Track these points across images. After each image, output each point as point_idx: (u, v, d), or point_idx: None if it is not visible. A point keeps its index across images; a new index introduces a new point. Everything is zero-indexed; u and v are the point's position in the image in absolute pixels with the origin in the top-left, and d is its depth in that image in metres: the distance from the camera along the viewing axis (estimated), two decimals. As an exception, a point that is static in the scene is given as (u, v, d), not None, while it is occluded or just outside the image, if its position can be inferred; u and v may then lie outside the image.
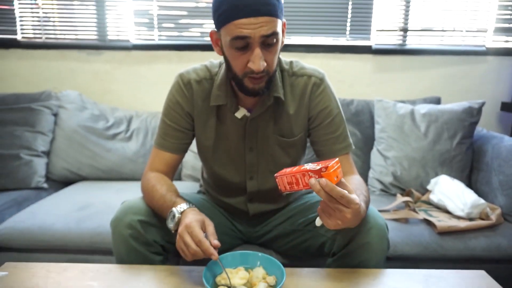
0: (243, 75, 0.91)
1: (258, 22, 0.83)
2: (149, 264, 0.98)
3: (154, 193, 0.98)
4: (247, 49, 0.87)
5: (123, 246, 0.96)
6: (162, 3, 2.08)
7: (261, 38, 0.85)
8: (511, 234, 1.34)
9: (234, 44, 0.87)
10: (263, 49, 0.87)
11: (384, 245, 0.96)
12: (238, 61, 0.90)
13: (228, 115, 1.05)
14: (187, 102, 1.06)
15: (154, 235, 0.97)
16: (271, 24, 0.85)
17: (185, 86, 1.05)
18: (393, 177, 1.69)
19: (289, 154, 1.10)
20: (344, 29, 2.10)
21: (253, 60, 0.87)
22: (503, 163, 1.48)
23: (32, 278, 0.90)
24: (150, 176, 1.04)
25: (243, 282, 0.84)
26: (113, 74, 2.14)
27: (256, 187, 1.11)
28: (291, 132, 1.07)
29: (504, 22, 2.09)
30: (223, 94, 1.02)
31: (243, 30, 0.84)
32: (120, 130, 1.93)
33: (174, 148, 1.08)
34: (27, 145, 1.74)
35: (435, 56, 2.11)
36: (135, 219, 0.95)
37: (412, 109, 1.76)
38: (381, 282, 0.92)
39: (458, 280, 0.94)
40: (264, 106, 1.02)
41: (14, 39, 2.12)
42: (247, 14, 0.83)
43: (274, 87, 1.01)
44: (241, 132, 1.05)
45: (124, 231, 0.95)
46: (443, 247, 1.30)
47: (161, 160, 1.08)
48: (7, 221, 1.41)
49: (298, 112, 1.06)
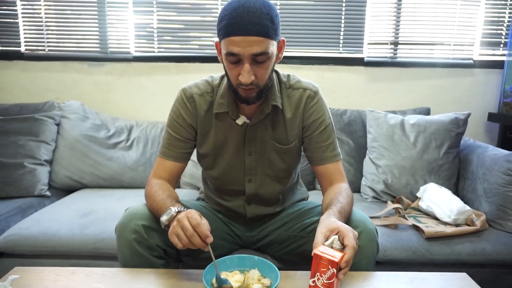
0: (236, 85, 1.01)
1: (249, 41, 0.92)
2: (151, 267, 1.03)
3: (155, 198, 1.04)
4: (239, 64, 0.97)
5: (128, 250, 1.02)
6: (162, 16, 2.16)
7: (251, 56, 0.94)
8: (495, 239, 1.41)
9: (228, 58, 0.97)
10: (253, 65, 0.96)
11: (373, 248, 1.03)
12: (232, 72, 1.00)
13: (229, 123, 1.13)
14: (189, 115, 1.14)
15: (156, 240, 1.03)
16: (261, 44, 0.93)
17: (188, 100, 1.14)
18: (384, 184, 1.76)
19: (284, 160, 1.17)
20: (338, 42, 2.18)
21: (242, 74, 0.96)
22: (487, 171, 1.56)
23: (41, 281, 0.96)
24: (153, 182, 1.11)
25: (239, 284, 0.89)
26: (114, 85, 2.21)
27: (254, 189, 1.18)
28: (287, 140, 1.15)
29: (490, 36, 2.18)
30: (225, 102, 1.11)
31: (234, 47, 0.94)
32: (120, 139, 1.99)
33: (176, 156, 1.15)
34: (30, 154, 1.80)
35: (425, 69, 2.20)
36: (139, 224, 1.01)
37: (402, 119, 1.84)
38: (370, 283, 0.98)
39: (442, 282, 1.00)
40: (263, 113, 1.10)
41: (18, 51, 2.18)
42: (239, 32, 0.92)
43: (273, 96, 1.10)
44: (241, 137, 1.13)
45: (129, 235, 1.01)
46: (431, 252, 1.36)
47: (165, 168, 1.15)
48: (13, 228, 1.46)
49: (293, 121, 1.14)
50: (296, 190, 1.34)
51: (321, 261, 0.80)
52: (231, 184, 1.19)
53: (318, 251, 0.82)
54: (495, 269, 1.40)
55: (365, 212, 1.59)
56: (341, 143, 1.94)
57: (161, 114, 2.18)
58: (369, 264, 1.03)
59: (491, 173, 1.53)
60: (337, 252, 0.82)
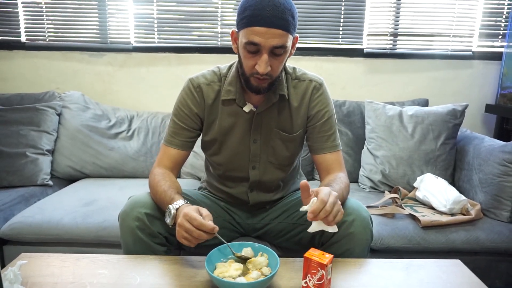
0: (250, 74, 1.05)
1: (271, 33, 0.96)
2: (153, 254, 1.06)
3: (158, 188, 1.07)
4: (257, 54, 1.00)
5: (131, 237, 1.05)
6: (162, 7, 2.16)
7: (271, 47, 0.98)
8: (489, 228, 1.45)
9: (247, 47, 1.00)
10: (270, 57, 1.00)
11: (367, 235, 1.06)
12: (248, 61, 1.03)
13: (236, 110, 1.16)
14: (196, 104, 1.17)
15: (158, 227, 1.06)
16: (282, 37, 0.98)
17: (195, 89, 1.17)
18: (382, 175, 1.79)
19: (288, 148, 1.20)
20: (337, 33, 2.19)
21: (260, 64, 1.00)
22: (483, 162, 1.58)
23: (48, 267, 0.99)
24: (156, 172, 1.14)
25: (238, 272, 0.91)
26: (115, 75, 2.22)
27: (258, 176, 1.21)
28: (292, 128, 1.18)
29: (489, 28, 2.19)
30: (233, 90, 1.14)
31: (256, 37, 0.97)
32: (121, 130, 2.01)
33: (181, 144, 1.17)
34: (32, 144, 1.82)
35: (424, 60, 2.21)
36: (142, 211, 1.04)
37: (400, 110, 1.86)
38: (366, 270, 1.02)
39: (436, 268, 1.03)
40: (269, 102, 1.14)
41: (18, 41, 2.19)
42: (263, 24, 0.95)
43: (280, 86, 1.14)
44: (247, 125, 1.16)
45: (132, 223, 1.04)
46: (426, 240, 1.40)
47: (169, 156, 1.17)
48: (17, 216, 1.48)
49: (299, 110, 1.18)
50: (296, 178, 1.37)
51: (311, 263, 0.84)
52: (235, 171, 1.22)
53: (308, 254, 0.85)
54: (488, 256, 1.43)
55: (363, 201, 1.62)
56: (340, 134, 1.95)
57: (161, 105, 2.20)
58: (362, 251, 1.06)
59: (487, 163, 1.56)
60: (326, 254, 0.86)
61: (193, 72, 1.22)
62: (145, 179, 1.88)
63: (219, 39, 2.19)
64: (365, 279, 0.97)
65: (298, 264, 1.00)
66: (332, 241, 1.06)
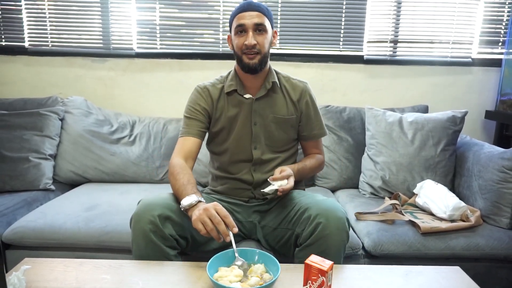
0: (241, 52, 1.29)
1: (251, 15, 1.27)
2: (164, 257, 1.09)
3: (178, 180, 1.19)
4: (244, 33, 1.28)
5: (143, 240, 1.08)
6: (164, 13, 2.18)
7: (253, 25, 1.27)
8: (489, 235, 1.45)
9: (236, 30, 1.29)
10: (254, 34, 1.28)
11: (342, 237, 1.11)
12: (239, 41, 1.29)
13: (239, 100, 1.38)
14: (204, 101, 1.38)
15: (170, 230, 1.10)
16: (260, 17, 1.28)
17: (202, 90, 1.40)
18: (382, 181, 1.80)
19: (282, 129, 1.40)
20: (338, 40, 2.21)
21: (247, 39, 1.27)
22: (482, 168, 1.59)
23: (51, 272, 1.00)
24: (175, 162, 1.27)
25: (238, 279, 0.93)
26: (117, 81, 2.24)
27: (259, 155, 1.39)
28: (286, 112, 1.40)
29: (489, 34, 2.21)
30: (234, 83, 1.38)
31: (241, 20, 1.28)
32: (123, 135, 2.02)
33: (194, 133, 1.35)
34: (35, 149, 1.83)
35: (424, 66, 2.23)
36: (155, 214, 1.08)
37: (400, 117, 1.87)
38: (366, 276, 1.03)
39: (435, 275, 1.04)
40: (265, 89, 1.37)
41: (22, 46, 2.21)
42: (243, 10, 1.29)
43: (271, 76, 1.38)
44: (248, 110, 1.37)
45: (145, 226, 1.07)
46: (426, 246, 1.40)
47: (185, 146, 1.33)
48: (19, 221, 1.49)
49: (290, 100, 1.41)
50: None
51: (311, 270, 0.86)
52: (240, 154, 1.39)
53: (309, 261, 0.87)
54: (488, 263, 1.44)
55: (363, 208, 1.64)
56: (340, 140, 1.98)
57: (163, 110, 2.22)
58: (338, 252, 1.11)
59: (486, 170, 1.57)
60: (326, 261, 0.87)
61: (195, 78, 1.32)
62: (147, 184, 1.92)
63: (221, 46, 2.21)
64: (365, 285, 0.98)
65: (298, 271, 1.01)
66: (309, 242, 1.11)
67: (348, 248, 1.37)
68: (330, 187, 1.96)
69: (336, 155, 1.96)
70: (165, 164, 1.97)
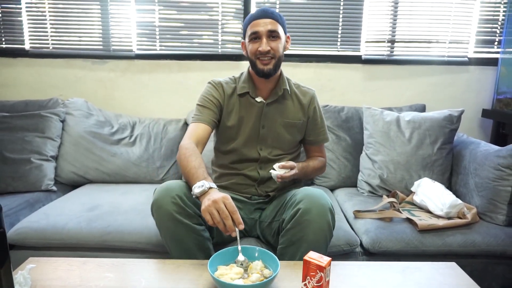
0: (255, 57, 1.35)
1: (265, 22, 1.32)
2: (194, 233, 1.14)
3: (189, 163, 1.19)
4: (258, 40, 1.34)
5: (171, 222, 1.11)
6: (164, 15, 2.20)
7: (267, 32, 1.32)
8: (485, 232, 1.47)
9: (251, 37, 1.35)
10: (268, 40, 1.33)
11: (323, 225, 1.12)
12: (253, 47, 1.34)
13: (250, 102, 1.43)
14: (218, 94, 1.43)
15: (192, 208, 1.14)
16: (274, 24, 1.33)
17: (216, 85, 1.45)
18: (380, 179, 1.82)
19: (289, 132, 1.46)
20: (336, 40, 2.23)
21: (261, 45, 1.33)
22: (479, 166, 1.62)
23: (55, 271, 1.02)
24: (186, 145, 1.27)
25: (238, 276, 0.95)
26: (117, 82, 2.26)
27: (266, 154, 1.44)
28: (294, 117, 1.46)
29: (485, 34, 2.23)
30: (246, 85, 1.43)
31: (255, 27, 1.33)
32: (124, 136, 2.04)
33: (207, 120, 1.38)
34: (37, 150, 1.85)
35: (421, 66, 2.25)
36: (174, 195, 1.11)
37: (397, 116, 1.89)
38: (364, 272, 1.05)
39: (432, 271, 1.07)
40: (276, 95, 1.43)
41: (22, 48, 2.23)
42: (257, 17, 1.34)
43: (283, 83, 1.44)
44: (258, 113, 1.43)
45: (169, 207, 1.11)
46: (423, 243, 1.42)
47: (197, 131, 1.35)
48: (22, 221, 1.51)
49: (299, 106, 1.48)
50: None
51: (310, 266, 0.88)
52: (247, 153, 1.43)
53: (307, 257, 0.89)
54: (485, 259, 1.46)
55: (361, 206, 1.67)
56: (339, 139, 2.00)
57: (163, 111, 2.24)
58: (318, 240, 1.12)
59: (482, 168, 1.59)
60: (324, 257, 0.89)
61: (194, 79, 1.33)
62: (147, 184, 1.94)
63: (220, 47, 2.23)
64: (362, 281, 1.00)
65: (297, 267, 1.04)
66: (290, 226, 1.15)
67: (347, 245, 1.39)
68: (329, 186, 1.98)
69: (334, 154, 1.98)
70: (165, 164, 1.99)
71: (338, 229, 1.43)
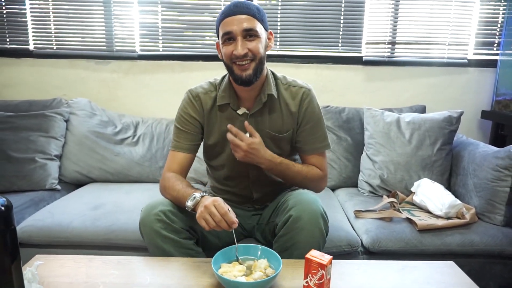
0: (231, 62, 1.16)
1: (238, 19, 1.12)
2: (184, 248, 1.12)
3: (176, 187, 1.16)
4: (233, 41, 1.14)
5: (158, 239, 1.10)
6: (166, 16, 2.22)
7: (242, 32, 1.13)
8: (483, 232, 1.49)
9: (224, 38, 1.15)
10: (245, 40, 1.14)
11: (314, 231, 1.09)
12: (227, 50, 1.15)
13: (232, 114, 1.27)
14: (196, 111, 1.28)
15: (179, 223, 1.12)
16: (249, 21, 1.13)
17: (194, 98, 1.29)
18: (381, 179, 1.84)
19: (278, 147, 1.30)
20: (337, 41, 2.25)
21: (236, 47, 1.13)
22: (477, 167, 1.64)
23: (62, 268, 1.04)
24: (169, 175, 1.23)
25: (241, 274, 0.97)
26: (120, 82, 2.28)
27: (256, 172, 1.30)
28: (282, 128, 1.29)
29: (484, 36, 2.25)
30: (226, 95, 1.26)
31: (228, 27, 1.13)
32: (127, 135, 2.06)
33: (186, 147, 1.27)
34: (41, 150, 1.87)
35: (421, 67, 2.27)
36: (159, 212, 1.10)
37: (397, 117, 1.92)
38: (364, 271, 1.07)
39: (430, 270, 1.09)
40: (260, 103, 1.24)
41: (27, 49, 2.25)
42: (230, 14, 1.13)
43: (268, 87, 1.25)
44: (242, 127, 1.22)
45: (154, 225, 1.10)
46: (423, 243, 1.44)
47: (177, 160, 1.27)
48: (27, 220, 1.54)
49: (289, 112, 1.28)
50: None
51: (311, 264, 0.90)
52: (236, 169, 1.31)
53: (309, 255, 0.91)
54: (483, 259, 1.48)
55: (362, 206, 1.69)
56: (340, 140, 2.02)
57: (166, 111, 2.26)
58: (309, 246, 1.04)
59: (481, 169, 1.61)
60: (326, 255, 0.91)
61: (196, 79, 1.30)
62: (150, 183, 1.96)
63: (222, 47, 2.25)
64: (362, 279, 1.03)
65: (299, 265, 1.06)
66: (281, 233, 1.13)
67: (348, 246, 1.41)
68: (330, 186, 2.00)
69: (335, 155, 2.00)
70: (168, 164, 2.01)
71: (340, 230, 1.46)
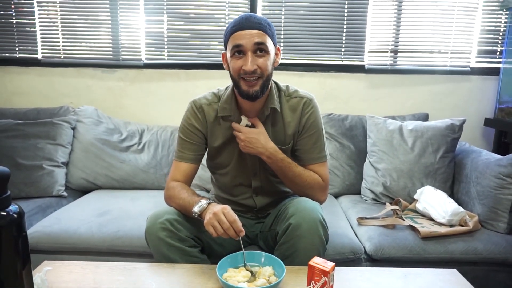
0: (238, 77, 1.15)
1: (250, 34, 1.12)
2: (189, 256, 1.14)
3: (181, 195, 1.17)
4: (243, 55, 1.13)
5: (165, 247, 1.11)
6: (172, 25, 2.26)
7: (253, 46, 1.12)
8: (487, 239, 1.50)
9: (233, 51, 1.14)
10: (254, 56, 1.13)
11: (314, 239, 1.10)
12: (235, 64, 1.14)
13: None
14: (199, 123, 1.29)
15: (184, 232, 1.14)
16: (261, 36, 1.12)
17: (198, 109, 1.29)
18: (383, 187, 1.85)
19: None
20: (340, 50, 2.28)
21: (245, 63, 1.12)
22: (480, 175, 1.65)
23: (70, 274, 1.06)
24: (173, 185, 1.24)
25: (245, 279, 0.99)
26: (126, 90, 2.31)
27: (259, 182, 1.33)
28: (284, 141, 1.29)
29: (486, 44, 2.27)
30: (228, 107, 1.26)
31: (239, 40, 1.12)
32: (133, 143, 2.09)
33: (190, 158, 1.29)
34: (49, 157, 1.90)
35: (423, 76, 2.29)
36: (164, 221, 1.12)
37: (400, 125, 1.93)
38: (366, 278, 1.08)
39: (433, 277, 1.10)
40: (263, 116, 1.25)
41: (35, 58, 2.30)
42: (242, 28, 1.12)
43: (271, 100, 1.25)
44: None
45: (160, 234, 1.11)
46: (426, 250, 1.45)
47: (181, 170, 1.28)
48: (35, 226, 1.56)
49: (290, 124, 1.28)
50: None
51: (314, 271, 0.92)
52: (240, 178, 1.33)
53: (312, 262, 0.92)
54: (486, 266, 1.48)
55: (365, 213, 1.70)
56: (343, 147, 2.04)
57: (171, 119, 2.29)
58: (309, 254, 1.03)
59: (484, 176, 1.62)
60: (328, 262, 0.93)
61: (201, 87, 1.32)
62: (155, 190, 1.98)
63: (226, 56, 2.28)
64: (365, 286, 1.04)
65: (302, 272, 1.07)
66: (281, 241, 1.14)
67: (351, 253, 1.42)
68: (333, 193, 2.02)
69: (338, 162, 2.02)
70: (173, 171, 2.04)
71: (343, 237, 1.47)
